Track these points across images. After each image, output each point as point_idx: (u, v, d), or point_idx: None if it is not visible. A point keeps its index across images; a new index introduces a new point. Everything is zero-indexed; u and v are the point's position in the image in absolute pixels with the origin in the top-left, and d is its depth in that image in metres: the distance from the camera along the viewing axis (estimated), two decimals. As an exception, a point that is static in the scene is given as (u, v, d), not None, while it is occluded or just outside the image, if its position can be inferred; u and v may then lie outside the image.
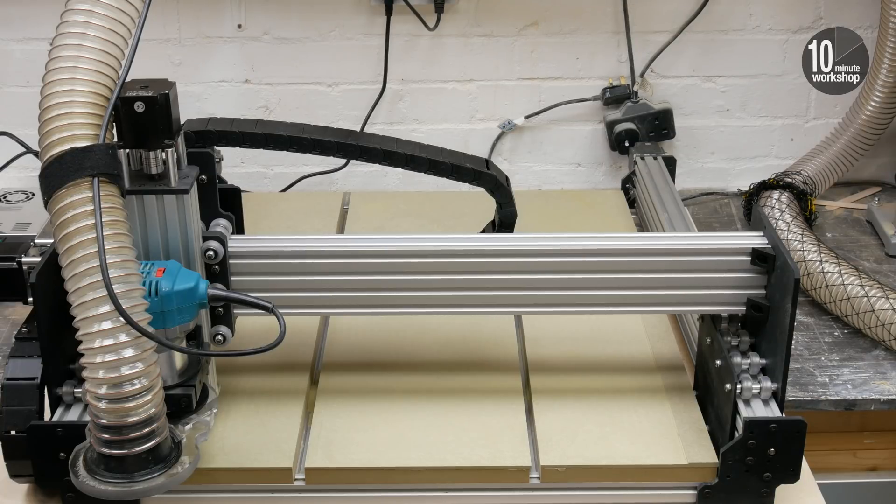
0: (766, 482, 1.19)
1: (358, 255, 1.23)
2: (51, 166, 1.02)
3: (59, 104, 1.03)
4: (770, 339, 1.23)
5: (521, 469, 1.21)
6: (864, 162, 2.04)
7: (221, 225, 1.25)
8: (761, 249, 1.23)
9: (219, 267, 1.21)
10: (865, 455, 1.68)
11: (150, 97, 1.10)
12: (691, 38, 2.01)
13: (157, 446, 1.06)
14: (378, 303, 1.25)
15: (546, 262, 1.24)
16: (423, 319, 1.44)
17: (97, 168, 1.02)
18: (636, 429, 1.26)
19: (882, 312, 1.58)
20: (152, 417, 1.05)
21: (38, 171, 1.04)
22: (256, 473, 1.21)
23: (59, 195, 1.02)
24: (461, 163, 1.36)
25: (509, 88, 2.04)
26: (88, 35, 1.05)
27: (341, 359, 1.41)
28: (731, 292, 1.25)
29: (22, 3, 1.95)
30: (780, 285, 1.20)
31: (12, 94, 2.02)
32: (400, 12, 1.95)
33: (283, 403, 1.30)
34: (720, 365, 1.24)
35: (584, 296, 1.26)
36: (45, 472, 1.18)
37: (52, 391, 1.20)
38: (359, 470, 1.21)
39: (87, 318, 1.01)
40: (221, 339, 1.24)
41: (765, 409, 1.20)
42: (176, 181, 1.15)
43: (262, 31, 1.97)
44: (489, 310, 1.28)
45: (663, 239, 1.30)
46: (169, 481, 1.07)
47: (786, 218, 1.82)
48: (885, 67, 1.88)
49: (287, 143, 1.31)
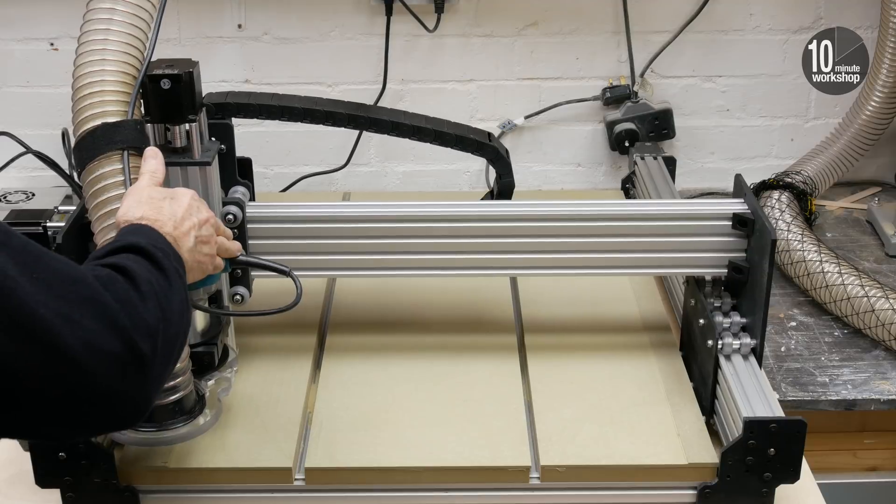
0: (766, 482, 1.19)
1: (365, 219, 1.31)
2: (84, 140, 1.11)
3: (90, 83, 1.12)
4: (749, 299, 1.30)
5: (521, 469, 1.21)
6: (864, 162, 2.04)
7: (240, 192, 1.33)
8: (742, 214, 1.30)
9: (238, 231, 1.28)
10: (865, 455, 1.68)
11: (175, 75, 1.18)
12: (691, 38, 2.01)
13: (182, 399, 1.16)
14: (383, 265, 1.33)
15: (540, 226, 1.32)
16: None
17: (126, 142, 1.11)
18: (636, 429, 1.26)
19: (882, 312, 1.58)
20: (178, 372, 1.13)
21: (38, 171, 1.05)
22: (256, 473, 1.21)
23: (92, 167, 1.11)
24: (465, 134, 1.41)
25: (509, 88, 2.04)
26: (115, 20, 1.14)
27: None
28: (713, 255, 1.32)
29: (22, 3, 1.96)
30: (758, 248, 1.27)
31: (12, 94, 2.02)
32: (400, 12, 1.95)
33: (284, 402, 1.30)
34: (703, 324, 1.31)
35: (576, 258, 1.33)
36: (45, 471, 1.18)
37: None
38: (359, 470, 1.21)
39: None
40: (240, 299, 1.32)
41: (764, 407, 1.20)
42: (199, 153, 1.23)
43: (262, 31, 1.97)
44: (487, 272, 1.35)
45: (651, 205, 1.40)
46: (193, 430, 1.17)
47: (786, 218, 1.82)
48: (886, 67, 1.88)
49: (301, 115, 1.38)
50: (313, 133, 2.06)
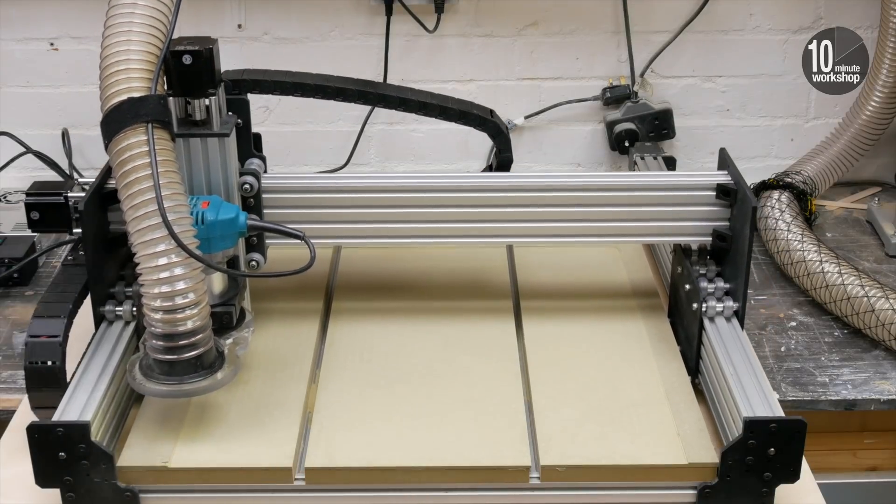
0: (766, 482, 1.19)
1: (370, 189, 1.41)
2: (111, 114, 1.17)
3: (117, 62, 1.18)
4: (732, 265, 1.38)
5: (521, 469, 1.21)
6: (864, 162, 2.04)
7: (255, 163, 1.42)
8: (725, 185, 1.38)
9: (253, 200, 1.38)
10: (865, 455, 1.68)
11: (196, 51, 1.25)
12: (691, 38, 2.01)
13: (203, 354, 1.20)
14: (387, 233, 1.43)
15: (536, 196, 1.41)
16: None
17: (151, 115, 1.17)
18: (636, 429, 1.26)
19: (882, 312, 1.58)
20: (199, 328, 1.19)
21: (38, 171, 1.05)
22: (256, 473, 1.21)
23: (118, 139, 1.17)
24: (469, 109, 1.51)
25: (509, 88, 2.04)
26: (139, 3, 1.20)
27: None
28: (699, 224, 1.42)
29: (22, 3, 1.96)
30: (740, 215, 1.35)
31: (12, 94, 2.02)
32: (400, 12, 1.95)
33: (283, 401, 1.30)
34: (689, 289, 1.40)
35: (570, 227, 1.43)
36: (45, 471, 1.18)
37: (97, 310, 1.35)
38: (359, 470, 1.21)
39: (144, 241, 1.15)
40: (255, 265, 1.41)
41: (764, 407, 1.20)
42: (218, 126, 1.31)
43: (262, 31, 1.98)
44: (485, 240, 1.45)
45: (640, 176, 1.55)
46: (212, 384, 1.21)
47: (786, 218, 1.82)
48: (886, 67, 1.88)
49: (314, 91, 1.47)
50: (313, 133, 2.07)
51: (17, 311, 1.70)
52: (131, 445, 1.23)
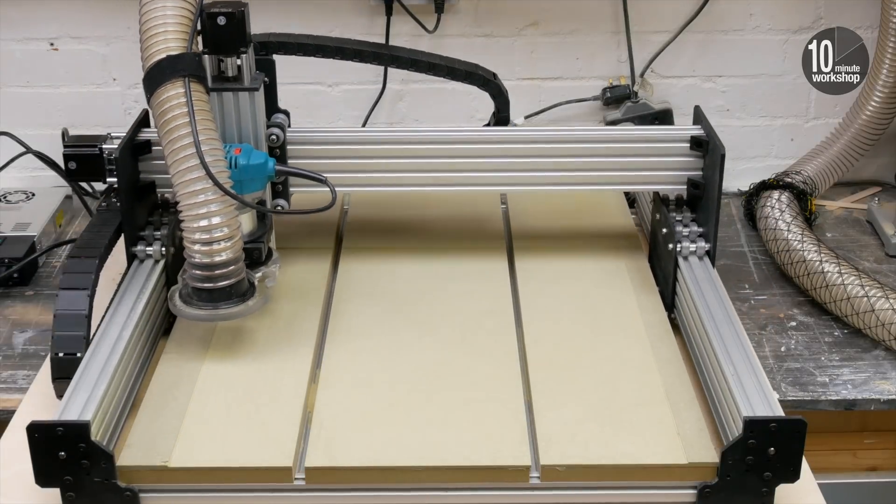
0: (766, 482, 1.19)
1: (382, 142, 1.57)
2: (151, 70, 1.30)
3: (155, 25, 1.31)
4: (705, 210, 1.52)
5: (521, 469, 1.21)
6: (864, 162, 2.04)
7: (280, 118, 1.57)
8: (698, 136, 1.53)
9: (279, 150, 1.52)
10: (865, 455, 1.68)
11: (230, 13, 1.39)
12: (691, 38, 2.01)
13: (236, 283, 1.34)
14: (396, 182, 1.58)
15: (528, 147, 1.56)
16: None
17: (188, 70, 1.29)
18: (636, 428, 1.26)
19: (882, 312, 1.58)
20: (232, 260, 1.33)
21: (38, 171, 1.05)
22: (256, 473, 1.21)
23: (159, 92, 1.29)
24: (474, 70, 1.66)
25: (509, 88, 2.03)
26: None
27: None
28: (675, 173, 1.56)
29: (22, 3, 1.96)
30: (711, 164, 1.50)
31: (12, 94, 2.03)
32: (400, 12, 1.95)
33: (283, 401, 1.30)
34: (666, 232, 1.54)
35: (559, 176, 1.57)
36: (45, 471, 1.18)
37: (129, 250, 1.49)
38: (359, 469, 1.21)
39: (184, 181, 1.28)
40: (281, 209, 1.57)
41: (764, 407, 1.20)
42: (248, 81, 1.45)
43: (262, 31, 1.97)
44: (481, 188, 1.60)
45: (623, 130, 1.74)
46: (244, 309, 1.35)
47: (786, 218, 1.82)
48: (886, 67, 1.88)
49: (333, 52, 1.62)
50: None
51: (17, 311, 1.70)
52: (131, 445, 1.23)
